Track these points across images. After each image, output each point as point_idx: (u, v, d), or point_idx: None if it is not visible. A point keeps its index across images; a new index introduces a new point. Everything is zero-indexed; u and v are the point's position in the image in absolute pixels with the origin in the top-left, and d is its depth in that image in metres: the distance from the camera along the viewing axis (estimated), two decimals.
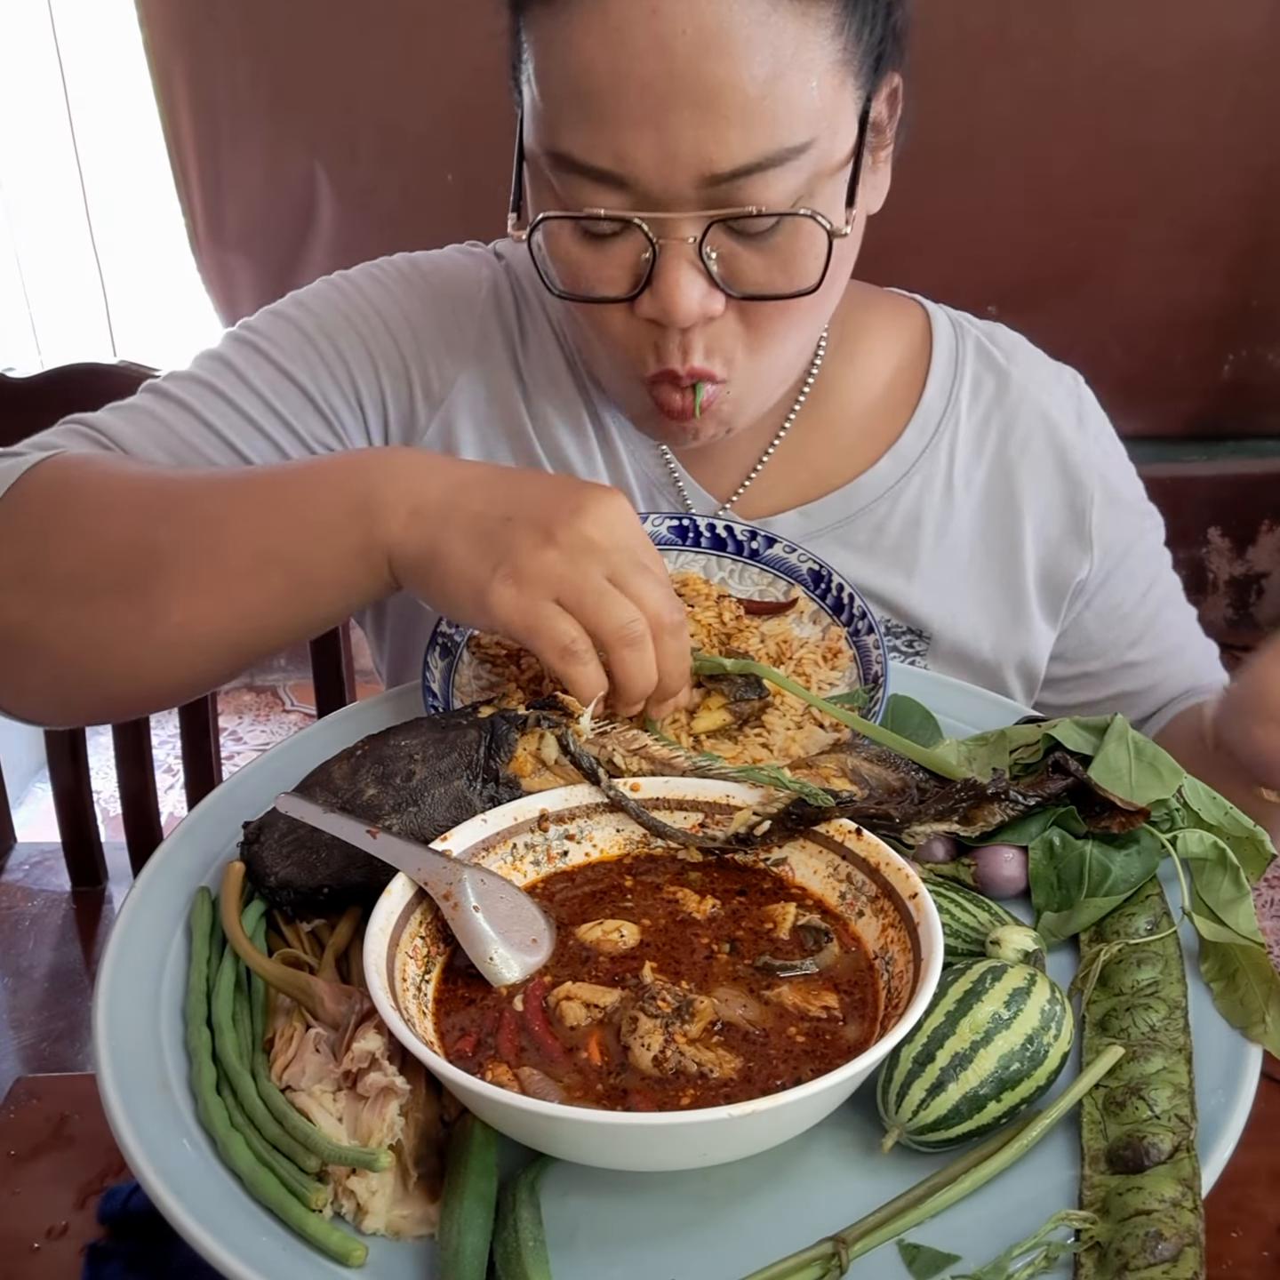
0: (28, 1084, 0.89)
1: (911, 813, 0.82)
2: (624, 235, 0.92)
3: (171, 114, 2.77)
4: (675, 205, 0.89)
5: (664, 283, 0.91)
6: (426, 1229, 0.66)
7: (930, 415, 1.18)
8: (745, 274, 0.93)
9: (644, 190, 0.89)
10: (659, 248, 0.91)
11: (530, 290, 1.18)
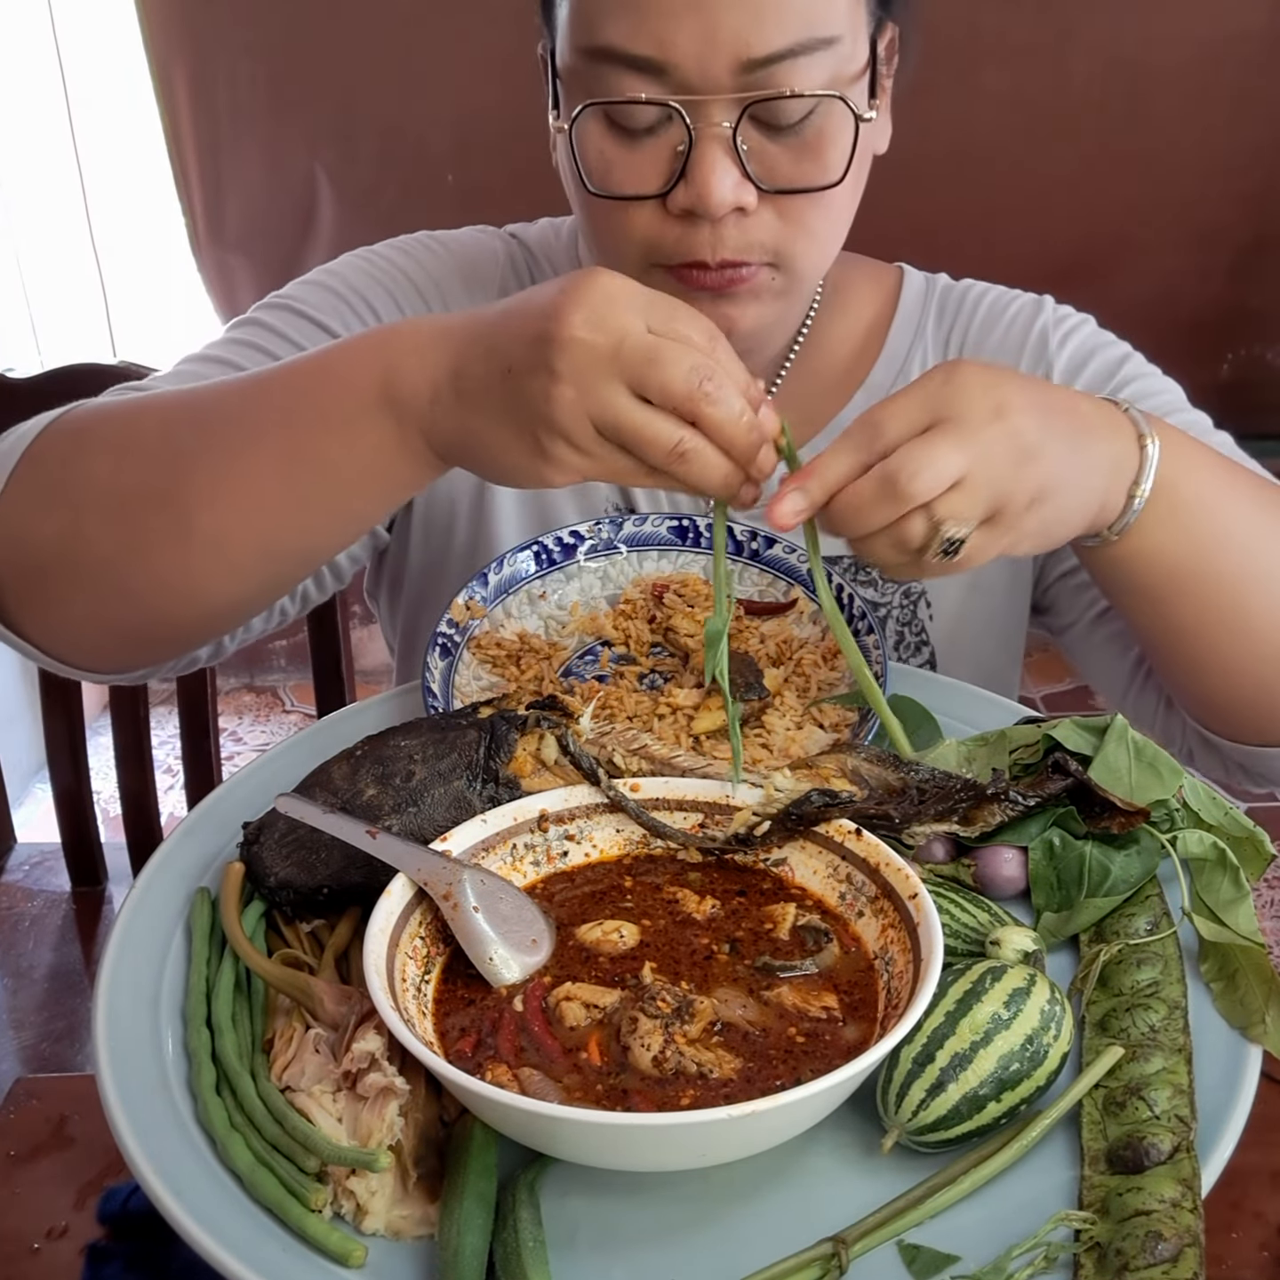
0: (28, 1084, 0.89)
1: (911, 813, 0.82)
2: (658, 130, 0.95)
3: (172, 113, 2.77)
4: (712, 91, 0.92)
5: (700, 170, 0.94)
6: (426, 1229, 0.66)
7: (898, 348, 1.22)
8: (775, 168, 0.96)
9: (682, 77, 0.92)
10: (695, 135, 0.93)
11: (544, 259, 1.22)
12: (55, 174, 3.00)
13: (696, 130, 0.93)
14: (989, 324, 1.23)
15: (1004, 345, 1.21)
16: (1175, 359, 1.26)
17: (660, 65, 0.92)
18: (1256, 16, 2.71)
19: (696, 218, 0.96)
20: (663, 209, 0.97)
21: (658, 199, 0.97)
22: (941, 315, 1.25)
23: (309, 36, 2.70)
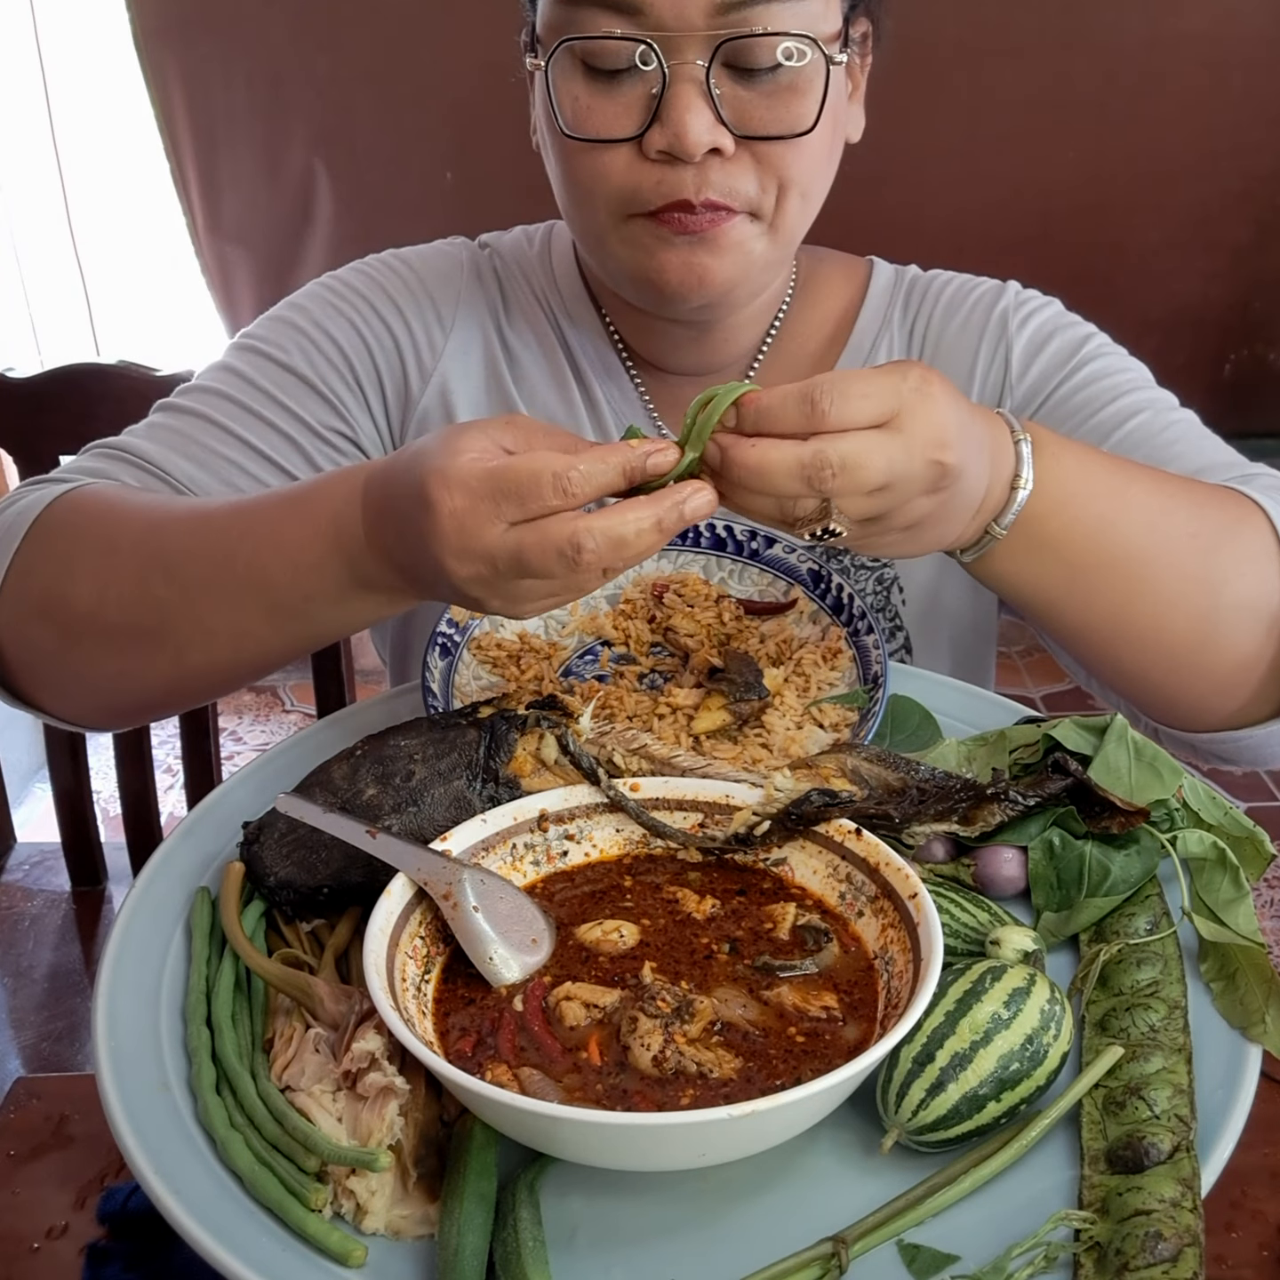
0: (28, 1084, 0.89)
1: (911, 813, 0.82)
2: (633, 74, 0.97)
3: (167, 111, 2.77)
4: (686, 30, 0.94)
5: (674, 109, 0.95)
6: (426, 1229, 0.66)
7: (864, 338, 1.23)
8: (749, 114, 0.98)
9: (657, 17, 0.94)
10: (669, 75, 0.95)
11: (515, 267, 1.25)
12: (52, 174, 3.00)
13: (670, 70, 0.95)
14: (951, 310, 1.24)
15: (965, 330, 1.22)
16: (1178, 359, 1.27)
17: (635, 5, 0.94)
18: (1259, 17, 2.71)
19: (676, 160, 0.97)
20: (639, 153, 0.99)
21: (633, 142, 0.98)
22: (908, 305, 1.26)
23: (306, 34, 2.70)
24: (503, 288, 1.24)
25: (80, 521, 0.99)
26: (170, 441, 1.10)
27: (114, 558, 0.95)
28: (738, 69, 0.97)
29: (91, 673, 0.99)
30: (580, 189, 1.04)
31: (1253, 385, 3.05)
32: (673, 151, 0.97)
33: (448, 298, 1.22)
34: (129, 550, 0.95)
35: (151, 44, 2.69)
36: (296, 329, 1.17)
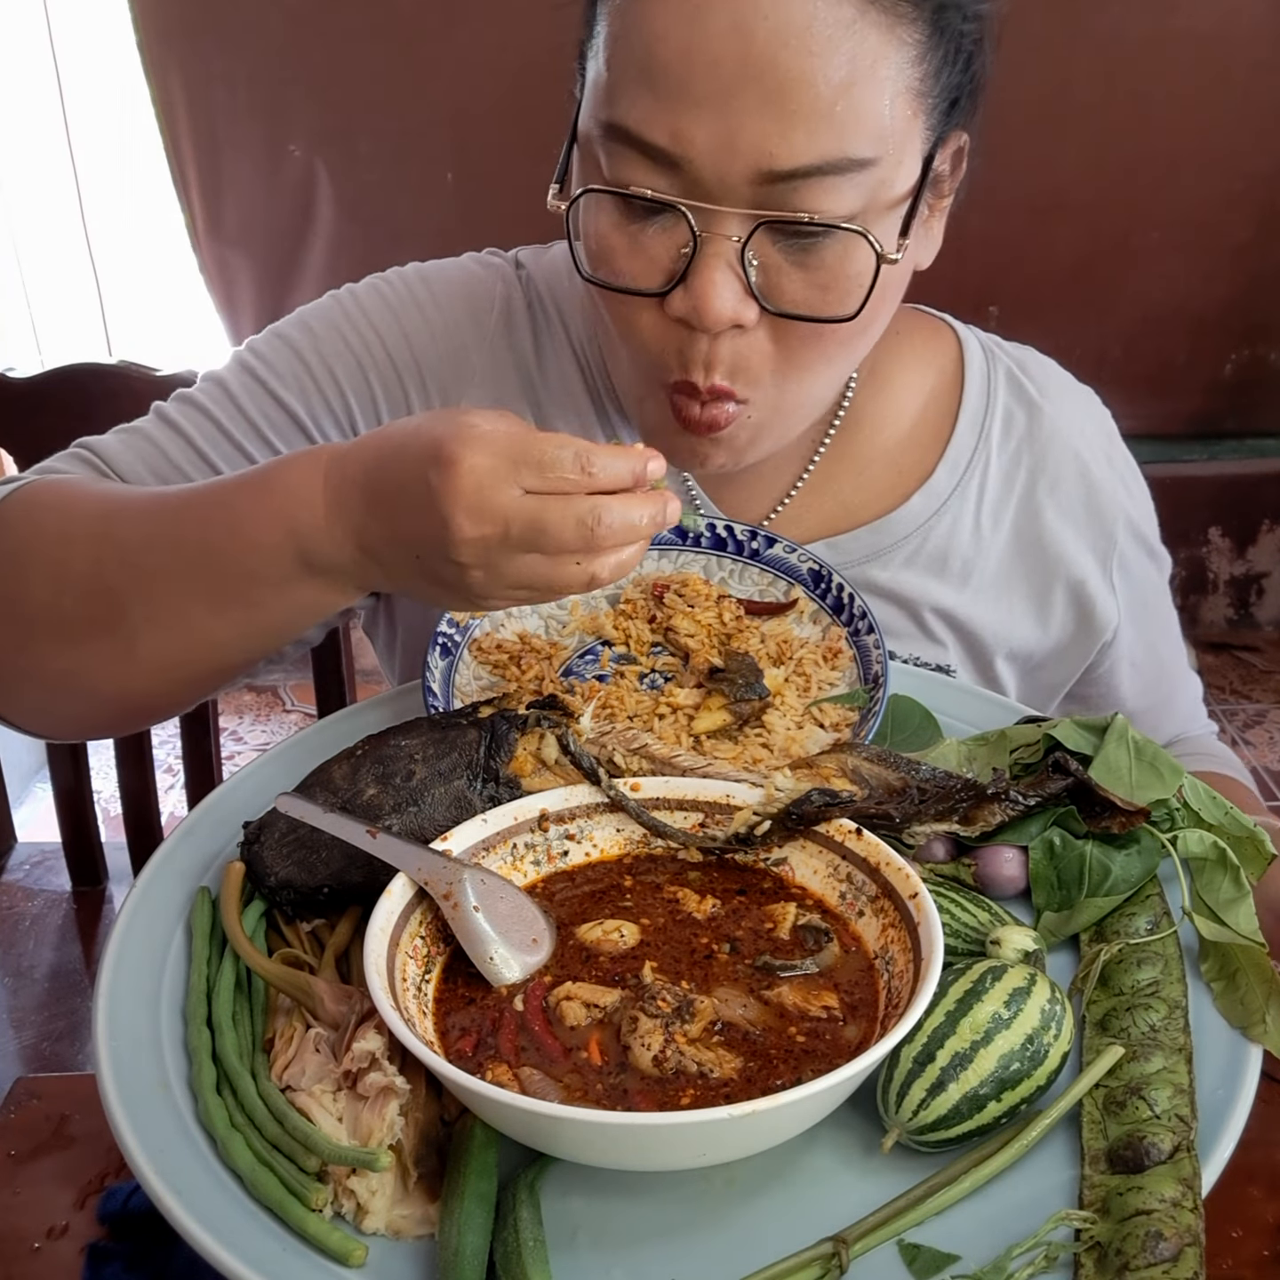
0: (28, 1084, 0.89)
1: (911, 813, 0.82)
2: (665, 225, 0.89)
3: (168, 112, 2.77)
4: (726, 198, 0.86)
5: (700, 279, 0.88)
6: (426, 1229, 0.66)
7: (962, 451, 1.16)
8: (784, 289, 0.89)
9: (695, 176, 0.86)
10: (700, 240, 0.87)
11: (551, 306, 1.15)
12: (53, 174, 3.00)
13: (703, 237, 0.87)
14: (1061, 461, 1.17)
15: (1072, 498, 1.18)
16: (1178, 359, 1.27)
17: (673, 159, 0.85)
18: (1259, 17, 2.71)
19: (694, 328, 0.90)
20: (660, 311, 0.91)
21: (657, 299, 0.90)
22: (1010, 423, 1.17)
23: (309, 35, 2.70)
24: (536, 332, 1.14)
25: (34, 515, 0.97)
26: (143, 452, 1.08)
27: (68, 548, 0.94)
28: (781, 237, 0.88)
29: (41, 671, 0.97)
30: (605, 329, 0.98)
31: (1253, 385, 3.05)
32: (690, 321, 0.89)
33: (474, 343, 1.12)
34: (83, 540, 0.94)
35: (153, 45, 2.70)
36: (300, 359, 1.10)
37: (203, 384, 1.11)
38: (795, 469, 1.15)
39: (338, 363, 1.10)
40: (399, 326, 1.11)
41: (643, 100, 0.85)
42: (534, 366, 1.14)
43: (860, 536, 1.16)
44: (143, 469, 1.07)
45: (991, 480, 1.17)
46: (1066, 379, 1.22)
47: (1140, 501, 1.23)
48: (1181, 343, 2.96)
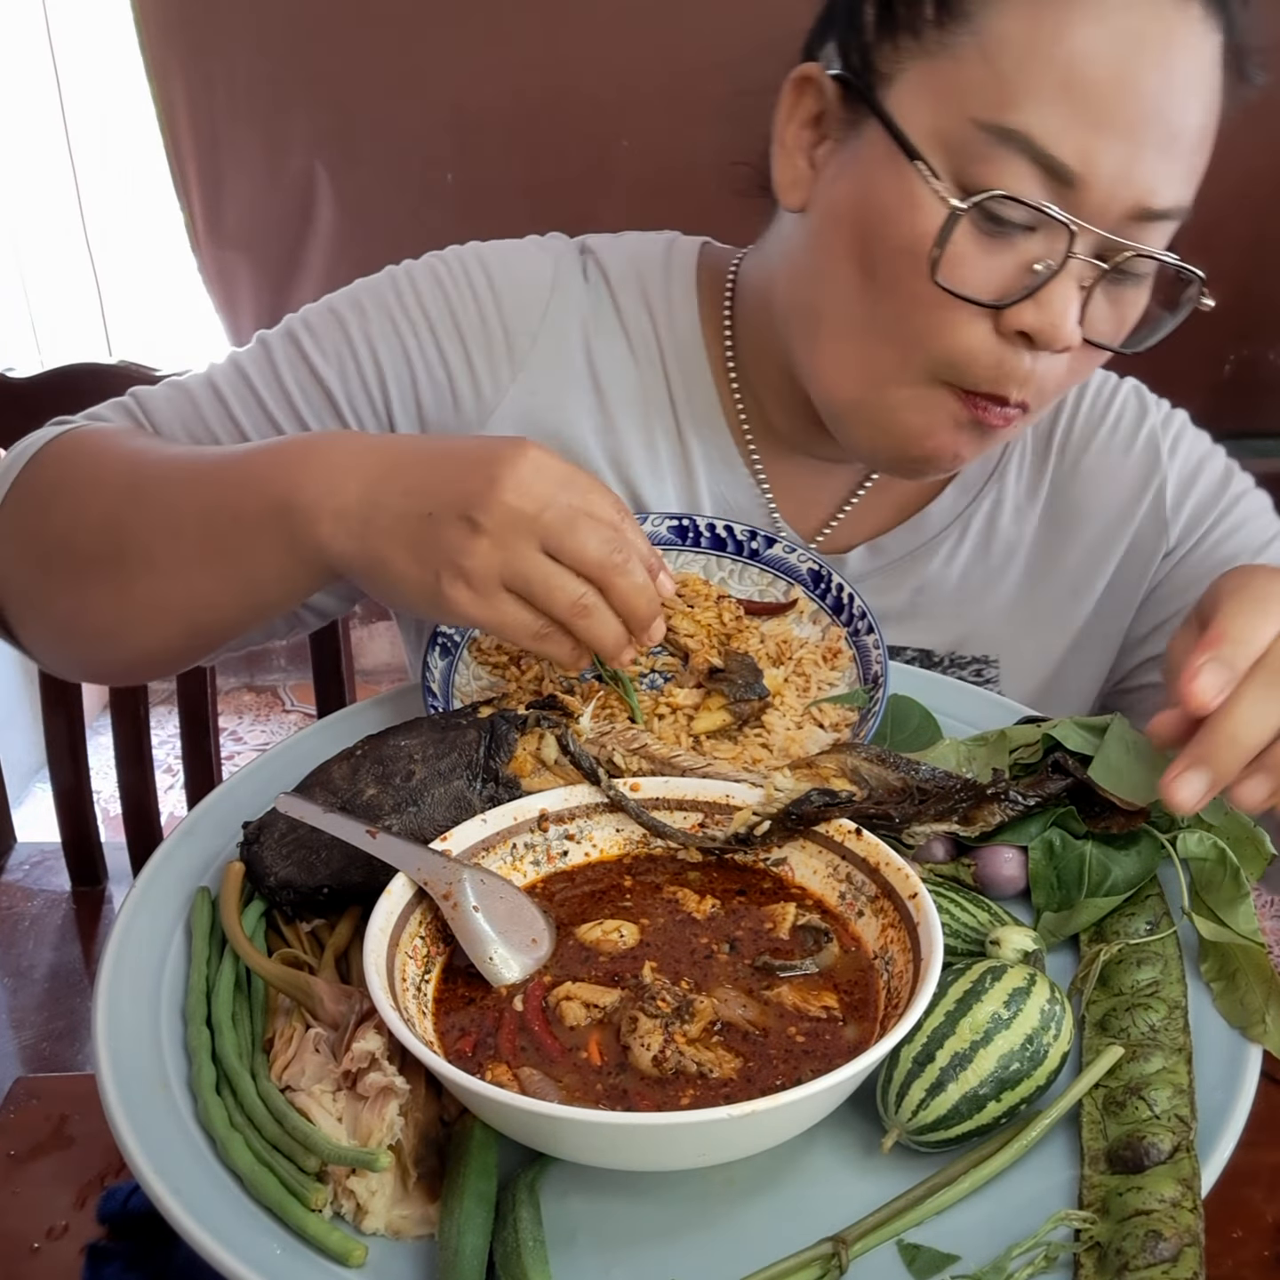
0: (28, 1084, 0.89)
1: (911, 813, 0.82)
2: (1018, 240, 0.89)
3: (169, 112, 2.77)
4: (1101, 224, 0.87)
5: (1060, 299, 0.88)
6: (426, 1229, 0.66)
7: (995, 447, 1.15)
8: (1097, 319, 0.92)
9: (1083, 198, 0.86)
10: (1068, 262, 0.88)
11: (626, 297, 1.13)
12: (53, 174, 3.00)
13: (1072, 260, 0.88)
14: (1093, 419, 1.17)
15: (1109, 447, 1.16)
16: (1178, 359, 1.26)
17: (1073, 177, 0.85)
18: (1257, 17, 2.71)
19: (1022, 344, 0.91)
20: (991, 324, 0.91)
21: (994, 311, 0.90)
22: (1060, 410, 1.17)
23: (308, 35, 2.70)
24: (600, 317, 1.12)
25: (72, 458, 1.02)
26: (181, 410, 1.09)
27: (91, 491, 0.98)
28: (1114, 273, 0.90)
29: (53, 607, 1.02)
30: (909, 334, 0.94)
31: (1253, 385, 3.05)
32: (1036, 337, 0.89)
33: (520, 330, 1.11)
34: (105, 486, 0.98)
35: (155, 45, 2.70)
36: (345, 335, 1.09)
37: (252, 347, 1.12)
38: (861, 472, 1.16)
39: (382, 343, 1.09)
40: (449, 311, 1.10)
41: (1056, 114, 0.85)
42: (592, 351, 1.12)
43: (899, 535, 1.16)
44: (178, 426, 1.09)
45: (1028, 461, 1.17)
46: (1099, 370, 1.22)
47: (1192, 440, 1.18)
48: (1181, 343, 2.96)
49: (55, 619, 1.03)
